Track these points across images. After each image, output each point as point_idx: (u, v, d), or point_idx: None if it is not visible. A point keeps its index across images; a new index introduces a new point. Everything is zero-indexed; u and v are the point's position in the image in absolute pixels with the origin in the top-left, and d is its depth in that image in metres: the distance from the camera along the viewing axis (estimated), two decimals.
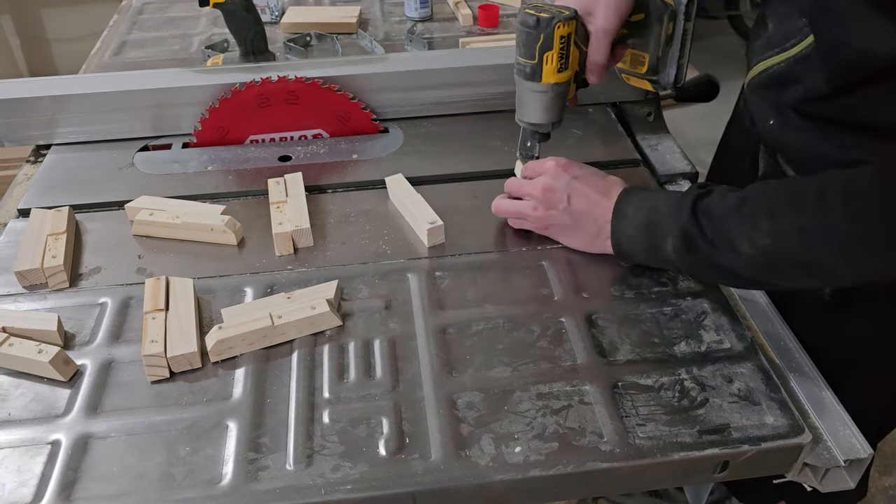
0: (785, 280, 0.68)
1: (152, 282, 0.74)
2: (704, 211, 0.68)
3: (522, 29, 0.75)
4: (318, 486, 0.58)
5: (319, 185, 0.92)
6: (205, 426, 0.63)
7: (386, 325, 0.72)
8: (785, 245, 0.63)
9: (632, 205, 0.74)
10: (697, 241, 0.68)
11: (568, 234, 0.80)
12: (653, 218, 0.72)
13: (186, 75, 1.00)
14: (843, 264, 0.63)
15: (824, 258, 0.63)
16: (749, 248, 0.65)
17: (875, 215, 0.59)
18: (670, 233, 0.70)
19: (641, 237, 0.73)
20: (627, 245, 0.75)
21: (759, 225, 0.64)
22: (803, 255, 0.63)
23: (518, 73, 0.79)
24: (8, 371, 0.68)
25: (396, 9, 1.42)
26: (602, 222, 0.76)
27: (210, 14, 1.39)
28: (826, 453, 0.62)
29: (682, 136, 1.06)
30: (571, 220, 0.78)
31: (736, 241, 0.65)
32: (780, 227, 0.63)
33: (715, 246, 0.67)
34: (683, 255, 0.70)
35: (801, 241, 0.62)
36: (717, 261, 0.68)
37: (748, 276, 0.68)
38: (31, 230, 0.82)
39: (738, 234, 0.65)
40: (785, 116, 0.74)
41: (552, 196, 0.78)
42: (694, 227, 0.68)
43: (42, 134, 0.99)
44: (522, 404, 0.64)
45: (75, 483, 0.59)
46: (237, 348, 0.69)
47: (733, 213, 0.66)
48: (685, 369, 0.67)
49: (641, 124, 1.04)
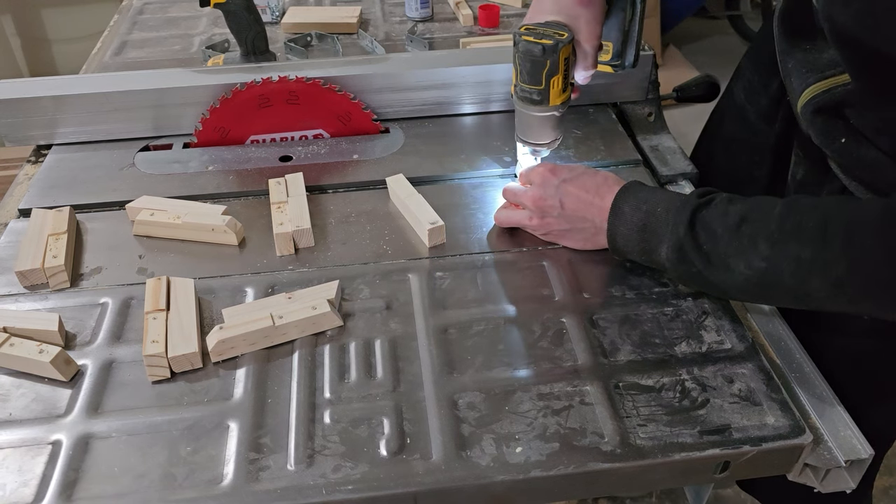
0: (774, 303, 0.68)
1: (153, 282, 0.74)
2: (703, 224, 0.67)
3: (528, 58, 0.75)
4: (319, 487, 0.58)
5: (320, 185, 0.92)
6: (206, 426, 0.63)
7: (387, 326, 0.72)
8: (780, 271, 0.63)
9: (629, 204, 0.74)
10: (691, 255, 0.67)
11: (567, 237, 0.80)
12: (650, 222, 0.72)
13: (187, 75, 1.00)
14: (836, 300, 0.62)
15: (818, 291, 0.62)
16: (744, 269, 0.64)
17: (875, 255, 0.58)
18: (665, 241, 0.70)
19: (636, 238, 0.73)
20: (622, 243, 0.75)
21: (757, 247, 0.63)
22: (797, 283, 0.63)
23: (522, 100, 0.80)
24: (9, 371, 0.68)
25: (397, 9, 1.42)
26: (598, 221, 0.76)
27: (211, 14, 1.39)
28: (827, 454, 0.62)
29: (683, 136, 1.06)
30: (568, 224, 0.79)
31: (731, 260, 0.65)
32: (777, 253, 0.62)
33: (710, 262, 0.67)
34: (676, 265, 0.70)
35: (797, 270, 0.62)
36: (710, 276, 0.67)
37: (738, 294, 0.68)
38: (32, 230, 0.82)
39: (735, 254, 0.65)
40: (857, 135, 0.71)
41: (544, 204, 0.79)
42: (690, 239, 0.67)
43: (43, 134, 0.99)
44: (523, 405, 0.64)
45: (76, 483, 0.59)
46: (238, 348, 0.69)
47: (732, 232, 0.65)
48: (686, 370, 0.67)
49: (642, 124, 1.04)
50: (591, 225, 0.77)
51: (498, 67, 1.01)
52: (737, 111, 0.96)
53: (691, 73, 3.06)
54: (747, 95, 0.95)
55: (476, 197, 0.90)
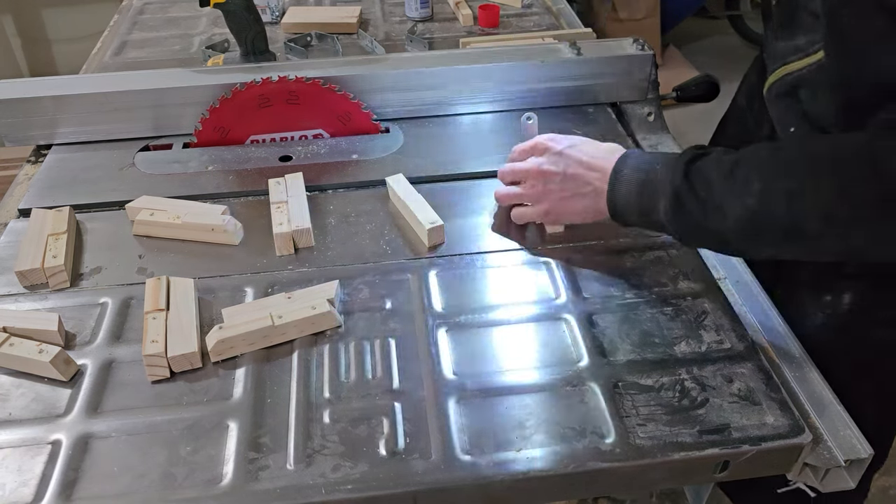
0: (770, 248, 0.66)
1: (153, 282, 0.74)
2: (697, 172, 0.67)
3: None
4: (319, 486, 0.58)
5: (320, 185, 0.92)
6: (205, 426, 0.63)
7: (386, 325, 0.72)
8: (770, 207, 0.62)
9: (629, 166, 0.74)
10: (687, 203, 0.67)
11: (568, 206, 0.79)
12: (649, 178, 0.71)
13: (187, 75, 1.00)
14: (828, 235, 0.61)
15: (809, 224, 0.61)
16: (739, 209, 0.64)
17: (861, 180, 0.58)
18: (663, 193, 0.69)
19: (636, 197, 0.72)
20: (622, 204, 0.74)
21: (750, 187, 0.63)
22: (789, 219, 0.62)
23: None
24: (9, 371, 0.68)
25: (397, 9, 1.42)
26: (599, 185, 0.75)
27: (211, 14, 1.39)
28: (826, 453, 0.62)
29: (683, 136, 1.07)
30: (570, 189, 0.78)
31: (725, 204, 0.64)
32: (767, 188, 0.62)
33: (706, 209, 0.66)
34: (674, 217, 0.69)
35: (788, 203, 0.61)
36: (708, 224, 0.66)
37: (734, 240, 0.67)
38: (32, 230, 0.82)
39: (729, 197, 0.64)
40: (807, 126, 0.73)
41: (546, 170, 0.79)
42: (685, 187, 0.67)
43: (43, 134, 0.99)
44: (523, 404, 0.64)
45: (76, 483, 0.59)
46: (238, 348, 0.69)
47: (726, 175, 0.65)
48: (685, 369, 0.67)
49: (642, 124, 1.04)
50: (593, 189, 0.76)
51: (498, 67, 1.01)
52: (738, 114, 0.97)
53: (691, 73, 3.06)
54: (747, 99, 0.95)
55: (476, 197, 0.90)
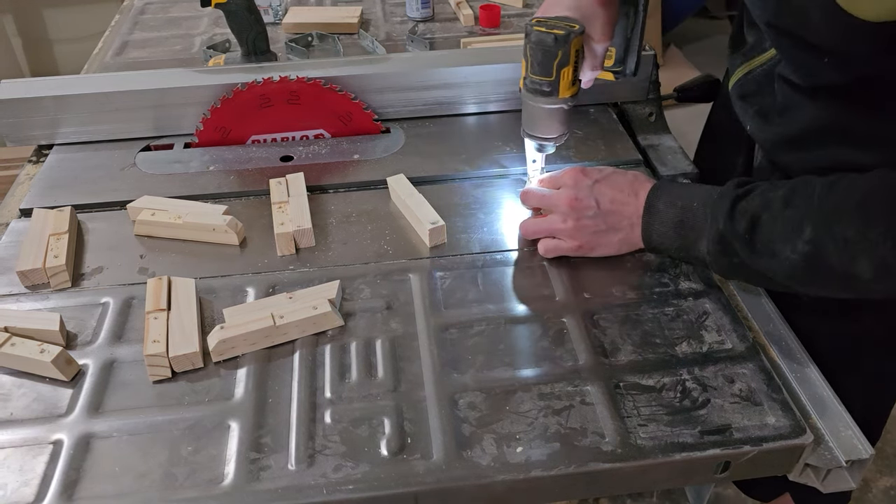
0: (822, 289, 0.66)
1: (154, 282, 0.74)
2: (743, 212, 0.66)
3: (540, 48, 0.75)
4: (320, 486, 0.58)
5: (321, 185, 0.92)
6: (207, 426, 0.63)
7: (388, 325, 0.72)
8: (826, 253, 0.62)
9: (663, 201, 0.73)
10: (734, 245, 0.67)
11: (603, 239, 0.77)
12: (686, 217, 0.71)
13: (188, 75, 1.00)
14: (883, 280, 0.61)
15: (864, 272, 0.61)
16: (790, 253, 0.63)
17: None
18: (705, 234, 0.69)
19: (673, 235, 0.72)
20: (658, 240, 0.74)
21: (802, 230, 0.63)
22: (843, 265, 0.61)
23: (531, 92, 0.78)
24: (10, 371, 0.68)
25: (398, 9, 1.42)
26: (635, 218, 0.75)
27: (212, 14, 1.39)
28: (828, 454, 0.62)
29: (683, 135, 1.06)
30: (605, 224, 0.77)
31: (776, 246, 0.64)
32: (822, 235, 0.62)
33: (754, 250, 0.66)
34: (718, 258, 0.69)
35: (843, 251, 0.61)
36: (754, 265, 0.66)
37: (785, 280, 0.66)
38: (34, 230, 0.82)
39: (780, 239, 0.64)
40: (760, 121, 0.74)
41: (579, 205, 0.77)
42: (731, 230, 0.67)
43: (44, 134, 0.99)
44: (524, 404, 0.64)
45: (77, 483, 0.59)
46: (239, 348, 0.69)
47: (775, 216, 0.65)
48: (687, 370, 0.67)
49: (643, 124, 1.04)
50: (629, 223, 0.76)
51: (499, 67, 1.01)
52: (724, 101, 0.97)
53: (692, 73, 3.06)
54: None
55: (477, 197, 0.90)
